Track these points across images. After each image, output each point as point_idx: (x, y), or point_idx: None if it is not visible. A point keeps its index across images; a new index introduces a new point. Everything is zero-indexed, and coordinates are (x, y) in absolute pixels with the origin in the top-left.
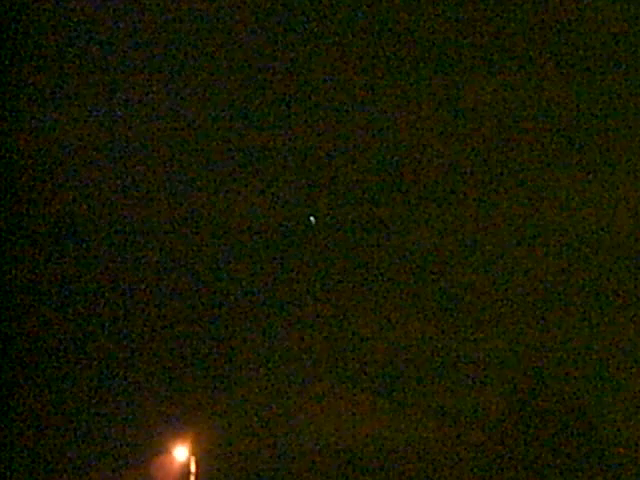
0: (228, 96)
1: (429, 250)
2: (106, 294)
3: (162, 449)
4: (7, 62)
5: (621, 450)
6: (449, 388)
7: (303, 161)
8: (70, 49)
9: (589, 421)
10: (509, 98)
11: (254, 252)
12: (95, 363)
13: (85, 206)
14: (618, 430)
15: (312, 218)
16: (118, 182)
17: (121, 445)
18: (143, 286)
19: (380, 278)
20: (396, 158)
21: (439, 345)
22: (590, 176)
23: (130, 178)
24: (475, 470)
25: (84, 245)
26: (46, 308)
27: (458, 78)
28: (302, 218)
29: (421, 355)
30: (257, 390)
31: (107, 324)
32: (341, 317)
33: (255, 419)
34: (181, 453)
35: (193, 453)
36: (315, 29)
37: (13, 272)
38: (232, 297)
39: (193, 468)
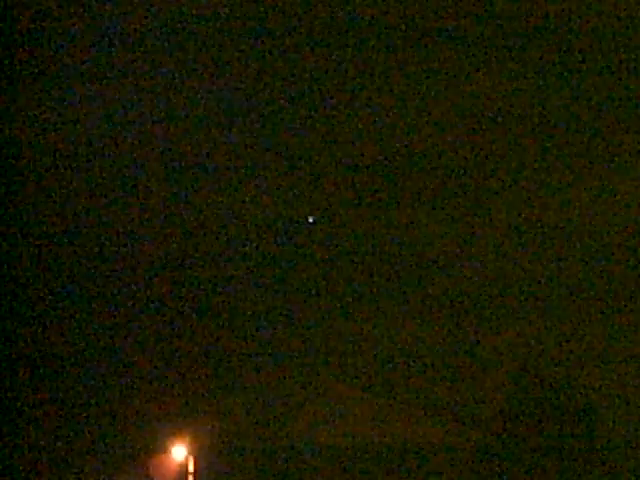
0: (227, 96)
1: (429, 250)
2: (105, 295)
3: (160, 448)
4: (7, 62)
5: (621, 449)
6: (450, 387)
7: (302, 160)
8: (70, 49)
9: (589, 420)
10: (509, 97)
11: (254, 251)
12: (94, 363)
13: (83, 207)
14: (618, 429)
15: (311, 218)
16: (118, 182)
17: (120, 444)
18: (142, 286)
19: (381, 278)
20: (395, 157)
21: (439, 345)
22: (590, 176)
23: (130, 178)
24: (475, 469)
25: (82, 245)
26: (46, 308)
27: (459, 77)
28: (302, 217)
29: (421, 355)
30: (256, 390)
31: (106, 324)
32: (341, 317)
33: (253, 419)
34: (179, 452)
35: (191, 452)
36: (314, 29)
37: (13, 272)
38: (230, 297)
39: (191, 467)
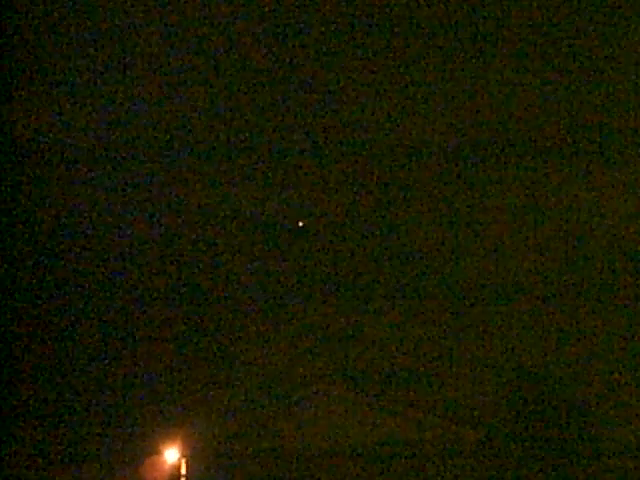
0: (224, 96)
1: (428, 250)
2: (98, 296)
3: (153, 450)
4: (7, 61)
5: (620, 450)
6: (448, 388)
7: (298, 160)
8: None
9: (588, 420)
10: (509, 96)
11: (251, 251)
12: (86, 364)
13: (81, 206)
14: (617, 429)
15: (301, 223)
16: (117, 181)
17: (112, 446)
18: (134, 287)
19: (378, 278)
20: (392, 157)
21: (438, 345)
22: (589, 175)
23: (128, 178)
24: (473, 469)
25: (80, 244)
26: (38, 309)
27: (457, 76)
28: (301, 218)
29: (420, 355)
30: (249, 392)
31: (99, 326)
32: (338, 317)
33: (246, 421)
34: (172, 455)
35: (184, 455)
36: (312, 28)
37: (13, 272)
38: (225, 299)
39: (184, 470)
